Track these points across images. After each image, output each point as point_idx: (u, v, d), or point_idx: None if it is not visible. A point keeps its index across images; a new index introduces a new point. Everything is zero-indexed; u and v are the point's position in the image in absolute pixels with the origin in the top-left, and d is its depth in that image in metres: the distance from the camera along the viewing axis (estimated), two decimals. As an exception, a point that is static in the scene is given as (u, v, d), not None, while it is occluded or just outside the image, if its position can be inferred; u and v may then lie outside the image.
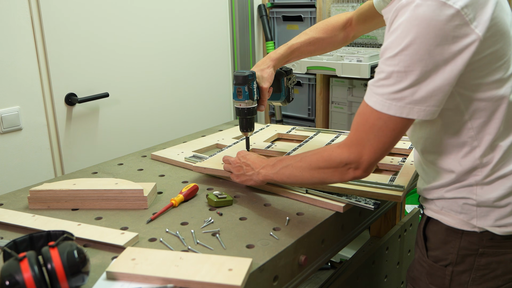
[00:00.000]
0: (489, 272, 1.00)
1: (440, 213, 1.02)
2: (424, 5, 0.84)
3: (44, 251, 0.84)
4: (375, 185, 1.20)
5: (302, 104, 2.59)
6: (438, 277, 1.04)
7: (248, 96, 1.32)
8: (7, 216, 1.18)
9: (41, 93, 1.75)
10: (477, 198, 0.96)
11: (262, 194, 1.31)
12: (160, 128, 2.21)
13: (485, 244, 0.98)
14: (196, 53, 2.33)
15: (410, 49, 0.86)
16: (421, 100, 0.88)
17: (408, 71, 0.87)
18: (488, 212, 0.97)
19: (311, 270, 1.15)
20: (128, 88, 2.04)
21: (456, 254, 1.01)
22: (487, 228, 0.97)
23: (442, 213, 1.02)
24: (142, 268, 0.92)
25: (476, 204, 0.97)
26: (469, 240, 0.99)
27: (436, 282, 1.05)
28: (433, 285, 1.05)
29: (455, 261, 1.01)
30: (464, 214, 0.99)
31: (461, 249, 1.00)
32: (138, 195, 1.23)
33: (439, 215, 1.03)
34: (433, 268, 1.05)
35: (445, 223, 1.01)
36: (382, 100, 0.91)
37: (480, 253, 0.99)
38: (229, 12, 2.46)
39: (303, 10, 2.46)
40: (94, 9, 1.86)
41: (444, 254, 1.03)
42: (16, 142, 1.69)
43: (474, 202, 0.97)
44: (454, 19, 0.83)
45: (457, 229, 1.00)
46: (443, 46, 0.84)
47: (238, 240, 1.06)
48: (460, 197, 0.98)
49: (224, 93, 2.53)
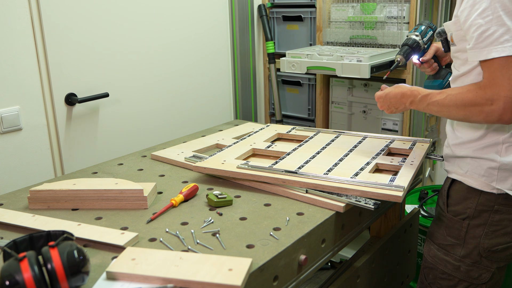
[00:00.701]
0: (501, 228, 1.14)
1: (465, 176, 1.17)
2: None
3: (44, 251, 0.84)
4: (375, 185, 1.20)
5: (302, 104, 2.59)
6: (455, 229, 1.19)
7: (420, 31, 1.51)
8: (7, 216, 1.18)
9: (41, 93, 1.75)
10: (501, 159, 1.09)
11: (262, 194, 1.31)
12: (160, 128, 2.21)
13: (500, 202, 1.13)
14: (196, 53, 2.33)
15: None
16: None
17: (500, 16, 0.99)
18: (507, 177, 1.10)
19: (311, 270, 1.15)
20: (128, 88, 2.04)
21: (473, 209, 1.15)
22: (506, 190, 1.11)
23: (467, 175, 1.16)
24: (142, 268, 0.92)
25: (498, 167, 1.10)
26: (487, 197, 1.14)
27: (453, 233, 1.19)
28: (450, 237, 1.20)
29: (472, 215, 1.16)
30: (486, 177, 1.12)
31: (479, 205, 1.15)
32: (138, 195, 1.23)
33: (463, 177, 1.17)
34: (451, 221, 1.20)
35: (467, 184, 1.16)
36: (496, 47, 1.00)
37: (495, 210, 1.13)
38: (229, 12, 2.46)
39: (303, 10, 2.46)
40: (94, 9, 1.86)
41: (463, 209, 1.17)
42: (16, 142, 1.69)
43: (497, 164, 1.10)
44: None
45: (477, 189, 1.14)
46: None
47: (238, 240, 1.06)
48: (485, 157, 1.12)
49: (224, 93, 2.53)
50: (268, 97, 2.74)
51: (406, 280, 1.77)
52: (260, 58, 2.68)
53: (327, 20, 2.39)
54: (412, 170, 1.33)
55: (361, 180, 1.24)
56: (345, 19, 2.30)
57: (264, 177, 1.32)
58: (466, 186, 1.17)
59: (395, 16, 2.13)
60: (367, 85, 2.30)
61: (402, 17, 2.11)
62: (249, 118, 2.69)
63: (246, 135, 1.75)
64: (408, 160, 1.41)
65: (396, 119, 2.19)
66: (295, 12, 2.50)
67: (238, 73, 2.55)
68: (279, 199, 1.27)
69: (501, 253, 1.16)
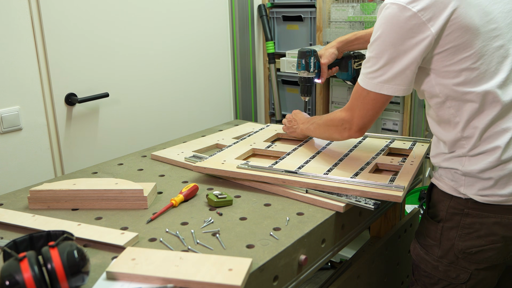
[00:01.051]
0: (473, 231, 1.16)
1: (438, 180, 1.22)
2: (390, 7, 1.09)
3: (44, 251, 0.84)
4: (375, 185, 1.20)
5: (302, 104, 2.59)
6: (432, 230, 1.23)
7: (304, 67, 1.64)
8: (7, 216, 1.18)
9: (41, 93, 1.75)
10: (463, 168, 1.13)
11: (262, 194, 1.31)
12: (160, 128, 2.21)
13: (469, 206, 1.15)
14: (196, 53, 2.33)
15: (379, 40, 1.12)
16: (389, 80, 1.13)
17: (378, 57, 1.13)
18: (473, 183, 1.14)
19: (311, 270, 1.15)
20: (128, 88, 2.04)
21: (446, 212, 1.19)
22: (471, 196, 1.14)
23: (440, 179, 1.21)
24: (142, 268, 0.92)
25: (462, 174, 1.14)
26: (457, 201, 1.17)
27: (430, 234, 1.24)
28: (429, 237, 1.24)
29: (445, 218, 1.20)
30: (454, 181, 1.17)
31: (450, 208, 1.18)
32: (138, 195, 1.23)
33: (437, 181, 1.22)
34: (429, 222, 1.25)
35: (440, 188, 1.21)
36: (364, 78, 1.18)
37: (465, 213, 1.16)
38: (229, 12, 2.46)
39: (303, 10, 2.46)
40: (94, 9, 1.86)
41: (438, 211, 1.22)
42: (16, 142, 1.69)
43: (461, 172, 1.14)
44: (412, 19, 1.06)
45: (447, 193, 1.19)
46: (404, 39, 1.08)
47: (238, 240, 1.06)
48: (451, 167, 1.17)
49: (224, 93, 2.53)
50: (268, 97, 2.74)
51: (406, 280, 1.77)
52: (260, 58, 2.68)
53: (327, 20, 2.39)
54: (412, 170, 1.33)
55: (361, 180, 1.24)
56: (345, 19, 2.30)
57: (264, 177, 1.32)
58: (440, 190, 1.21)
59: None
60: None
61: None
62: (249, 118, 2.69)
63: (246, 135, 1.75)
64: (408, 160, 1.41)
65: (396, 119, 2.19)
66: (295, 12, 2.50)
67: (238, 73, 2.55)
68: (279, 199, 1.27)
69: (477, 255, 1.17)
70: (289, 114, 1.69)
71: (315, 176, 1.27)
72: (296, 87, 2.58)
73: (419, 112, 2.21)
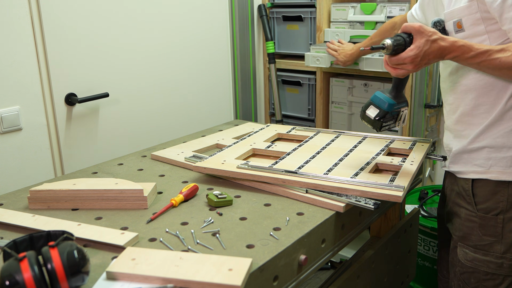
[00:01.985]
0: None
1: (488, 172, 1.14)
2: None
3: (44, 251, 0.84)
4: (375, 185, 1.20)
5: (302, 104, 2.59)
6: (491, 226, 1.16)
7: None
8: (7, 216, 1.18)
9: (41, 93, 1.75)
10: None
11: (262, 194, 1.31)
12: (160, 128, 2.21)
13: None
14: (196, 53, 2.33)
15: None
16: None
17: None
18: None
19: (311, 270, 1.15)
20: (128, 88, 2.04)
21: (506, 202, 1.13)
22: None
23: (490, 171, 1.14)
24: (142, 268, 0.92)
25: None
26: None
27: (489, 232, 1.16)
28: (487, 236, 1.17)
29: (506, 208, 1.13)
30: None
31: (509, 196, 1.12)
32: (138, 195, 1.23)
33: (487, 174, 1.15)
34: (484, 219, 1.17)
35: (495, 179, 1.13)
36: None
37: None
38: (229, 12, 2.46)
39: (303, 10, 2.46)
40: (94, 9, 1.86)
41: (495, 204, 1.15)
42: (16, 142, 1.69)
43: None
44: None
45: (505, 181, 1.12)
46: None
47: (238, 240, 1.06)
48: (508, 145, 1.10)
49: (224, 93, 2.53)
50: (268, 97, 2.74)
51: (406, 280, 1.77)
52: (260, 58, 2.68)
53: (327, 20, 2.39)
54: (412, 170, 1.33)
55: (361, 180, 1.24)
56: (345, 19, 2.30)
57: (264, 177, 1.32)
58: (493, 182, 1.15)
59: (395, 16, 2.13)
60: (367, 85, 2.30)
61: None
62: (249, 118, 2.69)
63: (246, 135, 1.75)
64: (408, 160, 1.41)
65: (396, 119, 2.19)
66: (295, 12, 2.50)
67: (238, 73, 2.55)
68: (279, 199, 1.27)
69: None
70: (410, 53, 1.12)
71: (315, 176, 1.27)
72: (296, 87, 2.58)
73: (419, 112, 2.21)
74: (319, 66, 2.24)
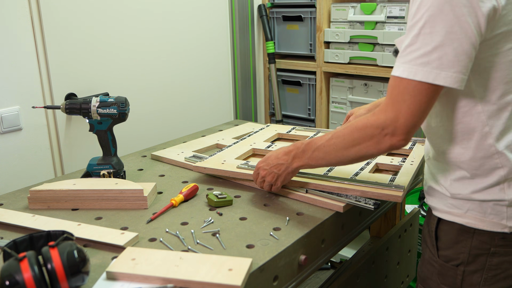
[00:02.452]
0: (501, 272, 0.99)
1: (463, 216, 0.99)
2: None
3: (44, 251, 0.84)
4: (375, 185, 1.20)
5: (302, 104, 2.59)
6: (449, 277, 1.03)
7: None
8: (7, 216, 1.18)
9: (41, 93, 1.75)
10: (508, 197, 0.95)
11: (262, 194, 1.31)
12: (160, 128, 2.20)
13: (496, 244, 0.97)
14: (196, 53, 2.33)
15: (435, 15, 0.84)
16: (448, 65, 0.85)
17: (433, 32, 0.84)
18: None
19: (311, 270, 1.15)
20: (128, 88, 2.04)
21: (467, 254, 1.00)
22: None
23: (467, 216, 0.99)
24: (142, 268, 0.92)
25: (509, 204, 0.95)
26: (480, 239, 0.98)
27: (447, 282, 1.04)
28: (444, 285, 1.04)
29: (467, 261, 1.00)
30: (494, 215, 0.96)
31: (473, 249, 0.99)
32: (138, 195, 1.23)
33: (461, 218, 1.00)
34: (444, 268, 1.04)
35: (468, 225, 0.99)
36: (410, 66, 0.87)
37: (492, 253, 0.98)
38: (229, 12, 2.46)
39: (303, 10, 2.46)
40: (94, 9, 1.86)
41: (456, 254, 1.01)
42: (16, 142, 1.69)
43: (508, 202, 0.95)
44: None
45: (468, 227, 0.99)
46: None
47: (238, 240, 1.06)
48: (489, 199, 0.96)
49: (224, 93, 2.52)
50: (268, 97, 2.74)
51: (406, 280, 1.77)
52: (260, 58, 2.68)
53: (327, 20, 2.39)
54: (412, 170, 1.33)
55: (361, 180, 1.24)
56: (345, 19, 2.30)
57: (264, 177, 1.32)
58: (457, 227, 1.00)
59: (395, 16, 2.13)
60: (367, 85, 2.30)
61: (402, 17, 2.11)
62: (249, 118, 2.69)
63: (246, 135, 1.75)
64: (408, 160, 1.41)
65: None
66: (295, 12, 2.50)
67: (238, 73, 2.55)
68: (279, 199, 1.27)
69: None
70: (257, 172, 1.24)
71: (315, 176, 1.27)
72: (296, 87, 2.58)
73: (419, 112, 2.21)
74: (338, 61, 2.33)
